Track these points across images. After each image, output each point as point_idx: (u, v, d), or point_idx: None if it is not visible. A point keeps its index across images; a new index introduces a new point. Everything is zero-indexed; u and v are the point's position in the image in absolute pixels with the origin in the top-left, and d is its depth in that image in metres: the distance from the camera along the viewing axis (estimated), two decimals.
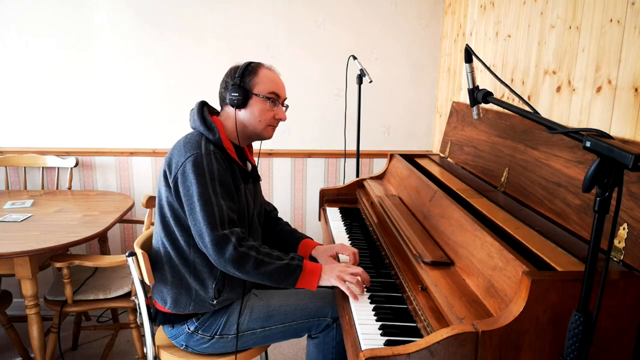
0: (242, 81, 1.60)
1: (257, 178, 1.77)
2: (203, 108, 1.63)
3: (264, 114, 1.62)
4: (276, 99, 1.63)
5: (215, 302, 1.59)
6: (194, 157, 1.50)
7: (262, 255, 1.49)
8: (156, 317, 1.66)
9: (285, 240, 1.86)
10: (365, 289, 1.49)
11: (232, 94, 1.59)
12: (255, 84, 1.60)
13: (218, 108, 1.72)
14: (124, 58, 2.80)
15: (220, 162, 1.53)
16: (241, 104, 1.60)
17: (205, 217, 1.46)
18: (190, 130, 1.64)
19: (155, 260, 1.64)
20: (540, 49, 1.79)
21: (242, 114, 1.62)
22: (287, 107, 1.70)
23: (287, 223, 1.93)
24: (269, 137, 1.68)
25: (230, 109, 1.63)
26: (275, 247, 1.86)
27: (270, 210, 1.95)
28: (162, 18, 2.76)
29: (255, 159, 1.80)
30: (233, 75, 1.62)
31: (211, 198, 1.48)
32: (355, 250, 1.67)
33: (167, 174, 1.55)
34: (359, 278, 1.47)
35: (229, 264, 1.46)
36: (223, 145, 1.58)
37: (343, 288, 1.46)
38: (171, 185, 1.53)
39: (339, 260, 1.72)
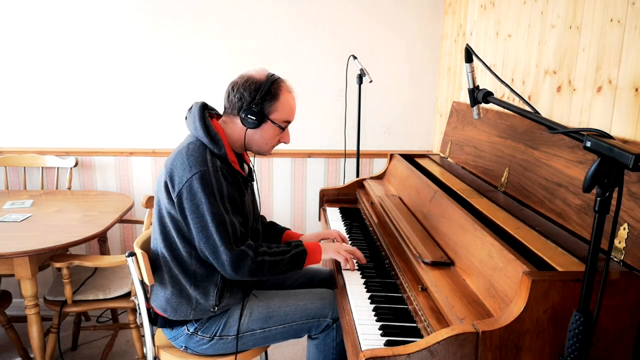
0: (262, 104, 1.53)
1: (252, 179, 1.75)
2: (204, 113, 1.56)
3: (273, 139, 1.61)
4: (287, 125, 1.62)
5: (216, 309, 1.59)
6: (201, 174, 1.46)
7: (274, 256, 1.55)
8: (156, 319, 1.66)
9: (267, 232, 1.89)
10: (365, 288, 1.51)
11: (249, 116, 1.52)
12: (275, 110, 1.55)
13: (217, 108, 1.69)
14: (123, 58, 2.79)
15: (227, 177, 1.52)
16: (254, 126, 1.55)
17: (220, 238, 1.47)
18: (188, 131, 1.60)
19: (153, 264, 1.63)
20: (540, 49, 1.78)
21: (250, 132, 1.58)
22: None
23: (262, 216, 1.93)
24: (268, 154, 1.68)
25: (237, 121, 1.57)
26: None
27: None
28: (162, 18, 2.75)
29: (251, 158, 1.78)
30: (254, 93, 1.53)
31: (224, 217, 1.48)
32: (340, 232, 1.81)
33: (169, 186, 1.50)
34: (355, 250, 1.65)
35: (246, 276, 1.52)
36: (228, 159, 1.55)
37: (340, 259, 1.62)
38: (174, 199, 1.49)
39: None
